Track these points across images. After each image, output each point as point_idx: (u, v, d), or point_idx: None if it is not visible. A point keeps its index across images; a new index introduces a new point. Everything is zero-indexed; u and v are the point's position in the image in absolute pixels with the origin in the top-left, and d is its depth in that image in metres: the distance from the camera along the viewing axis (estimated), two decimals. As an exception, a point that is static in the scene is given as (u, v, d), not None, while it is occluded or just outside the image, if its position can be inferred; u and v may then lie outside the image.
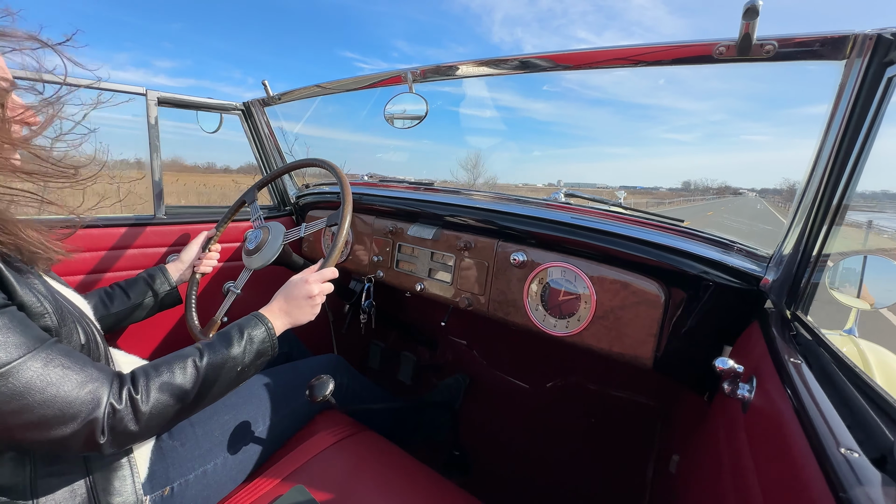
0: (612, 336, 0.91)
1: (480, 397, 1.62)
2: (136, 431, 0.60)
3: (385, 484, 0.83)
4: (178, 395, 0.65)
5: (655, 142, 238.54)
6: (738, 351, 0.79)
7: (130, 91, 1.26)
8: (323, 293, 0.88)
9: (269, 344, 0.78)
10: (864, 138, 0.61)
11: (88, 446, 0.57)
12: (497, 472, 1.42)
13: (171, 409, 0.64)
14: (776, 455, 0.45)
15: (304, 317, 0.86)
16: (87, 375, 0.57)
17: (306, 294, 0.85)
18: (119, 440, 0.59)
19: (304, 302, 0.85)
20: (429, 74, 1.15)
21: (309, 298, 0.86)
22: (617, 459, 1.33)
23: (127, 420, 0.59)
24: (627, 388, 1.34)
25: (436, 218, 1.25)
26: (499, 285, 1.08)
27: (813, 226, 0.68)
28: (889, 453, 0.37)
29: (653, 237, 0.91)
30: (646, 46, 0.81)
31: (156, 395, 0.62)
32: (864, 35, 0.60)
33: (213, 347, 0.72)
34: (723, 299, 0.84)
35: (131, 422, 0.59)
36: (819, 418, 0.42)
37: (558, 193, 1.20)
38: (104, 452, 0.59)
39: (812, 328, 0.65)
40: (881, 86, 0.59)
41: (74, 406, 0.55)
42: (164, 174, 1.35)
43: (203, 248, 1.20)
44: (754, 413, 0.56)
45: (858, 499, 0.32)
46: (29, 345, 0.54)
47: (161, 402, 0.63)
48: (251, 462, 0.86)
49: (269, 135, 1.63)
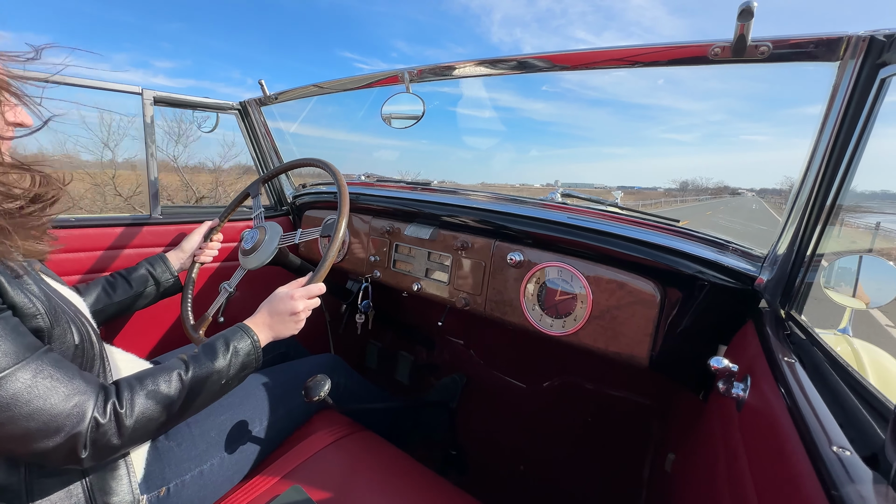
0: (609, 336, 0.92)
1: (477, 397, 1.62)
2: (119, 444, 0.60)
3: (382, 483, 0.83)
4: (162, 408, 0.65)
5: (655, 142, 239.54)
6: (733, 350, 0.79)
7: (126, 90, 1.25)
8: (308, 309, 0.88)
9: (253, 357, 0.78)
10: (857, 139, 0.61)
11: (69, 460, 0.57)
12: (494, 472, 1.42)
13: (154, 423, 0.64)
14: (770, 453, 0.45)
15: (286, 332, 0.86)
16: (74, 388, 0.57)
17: (290, 310, 0.85)
18: (100, 454, 0.59)
19: (287, 318, 0.85)
20: (426, 74, 1.15)
21: (292, 315, 0.85)
22: (613, 458, 1.33)
23: (110, 434, 0.59)
24: (624, 387, 1.35)
25: (433, 218, 1.25)
26: (495, 285, 1.08)
27: (807, 226, 0.69)
28: (880, 451, 0.38)
29: (648, 237, 0.92)
30: (642, 47, 0.81)
31: (140, 409, 0.62)
32: (857, 37, 0.60)
33: (199, 360, 0.72)
34: (718, 299, 0.84)
35: (114, 436, 0.59)
36: (812, 417, 0.42)
37: (555, 193, 1.21)
38: (84, 466, 0.59)
39: (806, 327, 0.65)
40: (874, 87, 0.60)
41: (58, 420, 0.54)
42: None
43: (205, 238, 1.20)
44: (749, 412, 0.56)
45: (850, 496, 0.32)
46: (19, 354, 0.53)
47: (145, 415, 0.63)
48: (248, 462, 0.86)
49: (265, 134, 1.62)
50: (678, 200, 51.23)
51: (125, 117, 7.32)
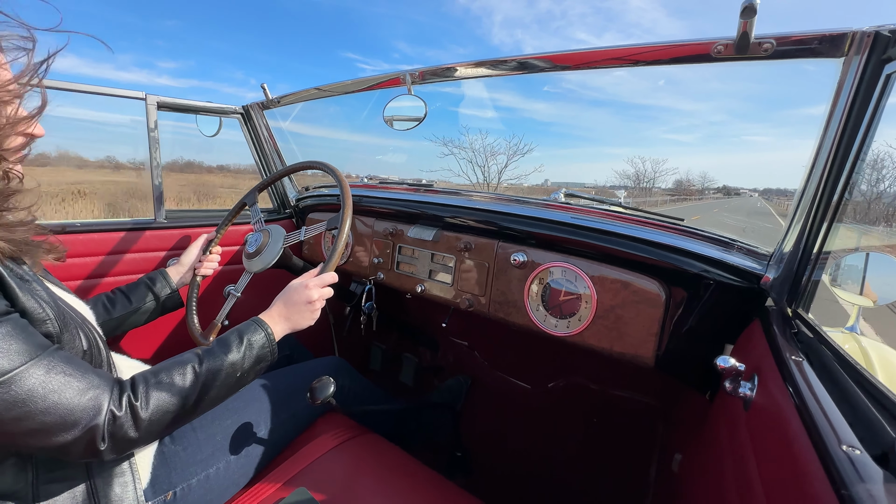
0: (614, 336, 0.91)
1: (482, 398, 1.62)
2: (136, 437, 0.60)
3: (387, 486, 0.83)
4: (177, 401, 0.65)
5: (655, 142, 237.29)
6: (740, 349, 0.78)
7: (130, 96, 1.26)
8: (323, 298, 0.88)
9: (268, 350, 0.78)
10: (863, 135, 0.61)
11: (89, 453, 0.58)
12: (499, 473, 1.41)
13: (170, 415, 0.64)
14: (778, 453, 0.45)
15: (303, 322, 0.86)
16: (89, 382, 0.58)
17: (306, 299, 0.85)
18: (119, 446, 0.59)
19: (303, 307, 0.85)
20: (427, 76, 1.15)
21: (308, 303, 0.85)
22: (620, 459, 1.32)
23: (127, 427, 0.59)
24: (629, 387, 1.34)
25: (436, 219, 1.25)
26: (499, 286, 1.08)
27: (813, 223, 0.68)
28: (891, 450, 0.37)
29: (653, 236, 0.91)
30: (643, 46, 0.81)
31: (155, 402, 0.62)
32: (861, 32, 0.60)
33: (213, 353, 0.72)
34: (724, 297, 0.83)
35: (131, 428, 0.60)
36: (821, 415, 0.42)
37: (558, 193, 1.20)
38: (104, 458, 0.59)
39: (813, 326, 0.64)
40: (879, 82, 0.59)
41: (75, 413, 0.55)
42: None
43: (203, 251, 1.20)
44: (756, 411, 0.56)
45: (860, 496, 0.32)
46: (31, 352, 0.54)
47: (160, 408, 0.63)
48: (253, 465, 0.86)
49: (268, 138, 1.63)
50: (671, 202, 51.29)
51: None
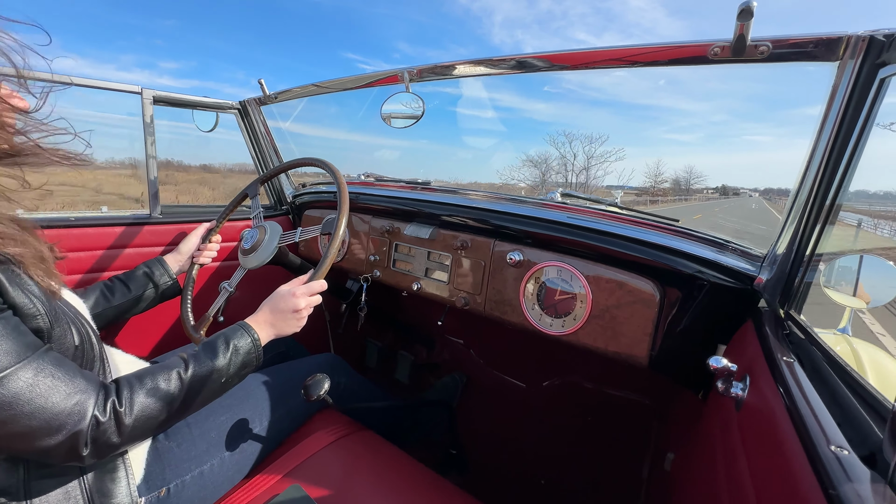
0: (608, 335, 0.92)
1: (477, 396, 1.62)
2: (118, 443, 0.61)
3: (382, 483, 0.84)
4: (161, 407, 0.65)
5: (656, 142, 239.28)
6: (732, 350, 0.79)
7: (126, 90, 1.25)
8: (310, 306, 0.88)
9: (254, 355, 0.78)
10: (856, 139, 0.61)
11: (70, 457, 0.57)
12: (494, 471, 1.42)
13: (154, 421, 0.64)
14: (768, 453, 0.45)
15: (288, 329, 0.86)
16: (75, 387, 0.57)
17: (292, 307, 0.85)
18: (101, 451, 0.59)
19: (289, 315, 0.85)
20: (425, 74, 1.15)
21: (295, 312, 0.85)
22: (613, 457, 1.33)
23: (110, 433, 0.59)
24: (623, 386, 1.35)
25: (432, 217, 1.25)
26: (495, 285, 1.09)
27: (806, 225, 0.69)
28: (878, 451, 0.38)
29: (648, 237, 0.92)
30: (641, 47, 0.81)
31: (139, 408, 0.62)
32: (856, 36, 0.60)
33: (199, 359, 0.72)
34: (717, 298, 0.84)
35: (114, 434, 0.60)
36: (810, 416, 0.42)
37: (554, 193, 1.21)
38: (85, 463, 0.59)
39: (805, 327, 0.65)
40: (873, 87, 0.60)
41: (60, 418, 0.55)
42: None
43: (203, 240, 1.20)
44: (747, 411, 0.56)
45: (848, 496, 0.32)
46: (20, 353, 0.53)
47: (144, 414, 0.63)
48: (248, 462, 0.86)
49: (265, 133, 1.62)
50: (682, 199, 51.54)
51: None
